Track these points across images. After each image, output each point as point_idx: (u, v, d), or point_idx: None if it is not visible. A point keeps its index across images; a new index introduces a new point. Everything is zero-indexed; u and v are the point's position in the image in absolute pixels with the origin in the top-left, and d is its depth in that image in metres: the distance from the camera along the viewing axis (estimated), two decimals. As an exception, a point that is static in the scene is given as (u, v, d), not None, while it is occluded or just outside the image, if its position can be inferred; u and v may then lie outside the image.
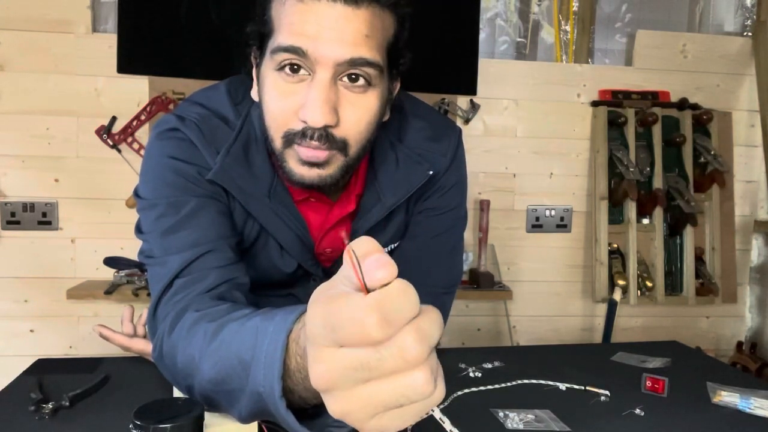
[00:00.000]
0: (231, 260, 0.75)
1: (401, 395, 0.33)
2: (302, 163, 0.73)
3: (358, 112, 0.72)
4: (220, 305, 0.65)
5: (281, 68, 0.70)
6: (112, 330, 0.97)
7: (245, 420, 0.56)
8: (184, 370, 0.61)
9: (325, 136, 0.70)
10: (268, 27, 0.73)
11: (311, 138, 0.70)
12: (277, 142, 0.73)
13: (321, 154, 0.71)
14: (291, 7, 0.68)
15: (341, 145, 0.72)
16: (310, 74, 0.69)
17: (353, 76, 0.70)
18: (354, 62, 0.68)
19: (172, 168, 0.77)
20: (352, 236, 0.88)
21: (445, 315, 0.95)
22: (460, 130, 0.94)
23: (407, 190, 0.85)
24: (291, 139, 0.72)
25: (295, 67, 0.69)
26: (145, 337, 0.98)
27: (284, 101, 0.71)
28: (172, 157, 0.78)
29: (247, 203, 0.80)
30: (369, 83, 0.71)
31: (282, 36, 0.69)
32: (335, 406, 0.35)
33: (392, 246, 0.92)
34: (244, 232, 0.83)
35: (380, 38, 0.71)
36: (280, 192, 0.82)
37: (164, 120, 0.81)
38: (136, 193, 0.81)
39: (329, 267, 0.91)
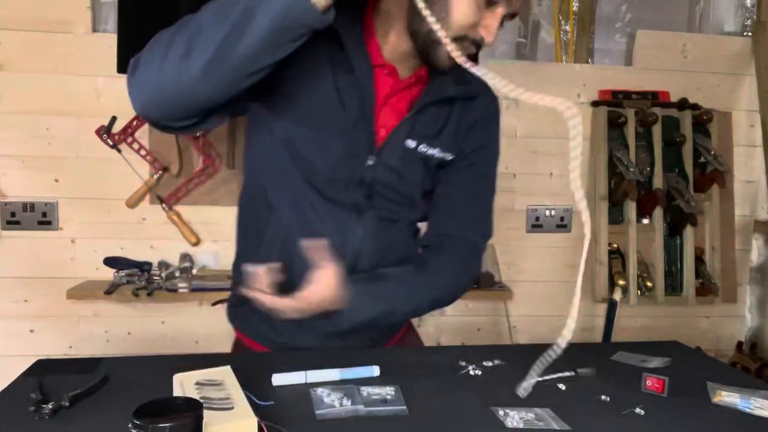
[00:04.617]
0: None
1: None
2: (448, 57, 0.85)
3: None
4: None
5: None
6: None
7: (264, 35, 0.73)
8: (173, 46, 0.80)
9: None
10: None
11: (478, 48, 0.89)
12: (445, 32, 0.83)
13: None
14: None
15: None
16: (499, 7, 0.86)
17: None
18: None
19: None
20: (411, 110, 0.97)
21: (479, 268, 1.10)
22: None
23: (466, 91, 1.01)
24: (462, 39, 0.86)
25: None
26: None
27: (476, 16, 0.86)
28: None
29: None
30: None
31: None
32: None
33: (446, 155, 1.02)
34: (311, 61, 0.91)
35: None
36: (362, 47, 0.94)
37: None
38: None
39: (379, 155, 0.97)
